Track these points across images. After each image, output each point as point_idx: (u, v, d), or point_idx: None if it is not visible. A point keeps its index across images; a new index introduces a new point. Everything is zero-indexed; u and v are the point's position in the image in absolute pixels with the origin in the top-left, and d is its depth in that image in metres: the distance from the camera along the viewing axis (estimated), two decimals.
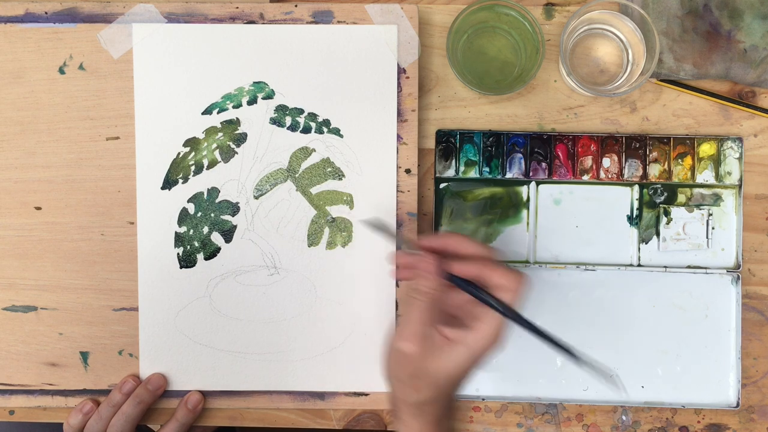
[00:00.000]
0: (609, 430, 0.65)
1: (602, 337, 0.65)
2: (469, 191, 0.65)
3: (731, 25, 0.63)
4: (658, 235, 0.64)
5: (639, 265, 0.65)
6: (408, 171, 0.63)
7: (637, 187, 0.64)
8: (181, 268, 0.63)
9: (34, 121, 0.63)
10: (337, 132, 0.63)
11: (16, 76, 0.63)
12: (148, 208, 0.63)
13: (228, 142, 0.63)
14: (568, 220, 0.65)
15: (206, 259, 0.63)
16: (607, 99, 0.65)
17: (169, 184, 0.63)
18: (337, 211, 0.63)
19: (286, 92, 0.63)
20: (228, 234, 0.63)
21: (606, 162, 0.65)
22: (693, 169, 0.64)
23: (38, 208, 0.64)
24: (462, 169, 0.65)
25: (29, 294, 0.64)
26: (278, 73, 0.63)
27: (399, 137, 0.63)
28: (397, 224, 0.63)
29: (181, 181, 0.63)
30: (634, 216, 0.65)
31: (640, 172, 0.64)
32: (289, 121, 0.63)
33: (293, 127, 0.63)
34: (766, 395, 0.65)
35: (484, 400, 0.65)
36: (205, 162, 0.63)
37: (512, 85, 0.62)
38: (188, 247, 0.63)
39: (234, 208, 0.63)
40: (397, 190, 0.63)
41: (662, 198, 0.65)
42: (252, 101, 0.63)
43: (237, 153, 0.63)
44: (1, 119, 0.63)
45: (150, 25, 0.63)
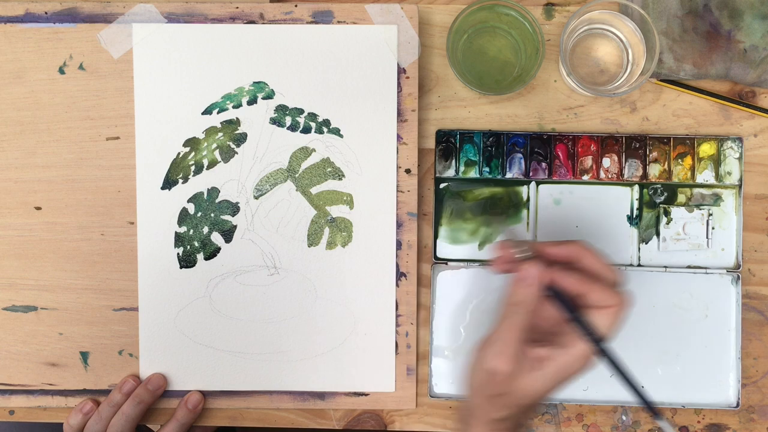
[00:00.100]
0: (609, 430, 0.65)
1: None
2: (469, 191, 0.65)
3: (731, 25, 0.62)
4: (658, 235, 0.64)
5: (639, 265, 0.65)
6: (408, 171, 0.63)
7: (637, 187, 0.64)
8: (181, 268, 0.63)
9: (34, 121, 0.63)
10: (337, 132, 0.63)
11: (16, 76, 0.63)
12: (148, 208, 0.63)
13: (228, 142, 0.63)
14: (568, 220, 0.65)
15: (206, 259, 0.63)
16: (607, 99, 0.65)
17: (169, 184, 0.63)
18: (337, 211, 0.63)
19: (286, 92, 0.63)
20: (228, 234, 0.63)
21: (606, 162, 0.64)
22: (693, 169, 0.64)
23: (38, 208, 0.64)
24: (462, 169, 0.65)
25: (29, 294, 0.64)
26: (278, 73, 0.63)
27: (399, 137, 0.63)
28: (398, 224, 0.63)
29: (181, 181, 0.63)
30: (634, 216, 0.65)
31: (640, 172, 0.64)
32: (289, 121, 0.63)
33: (293, 127, 0.63)
34: (766, 395, 0.65)
35: None
36: (205, 162, 0.63)
37: (512, 85, 0.62)
38: (188, 247, 0.63)
39: (234, 208, 0.63)
40: (397, 190, 0.63)
41: (662, 198, 0.65)
42: (252, 101, 0.63)
43: (237, 153, 0.63)
44: (1, 119, 0.63)
45: (150, 25, 0.63)
